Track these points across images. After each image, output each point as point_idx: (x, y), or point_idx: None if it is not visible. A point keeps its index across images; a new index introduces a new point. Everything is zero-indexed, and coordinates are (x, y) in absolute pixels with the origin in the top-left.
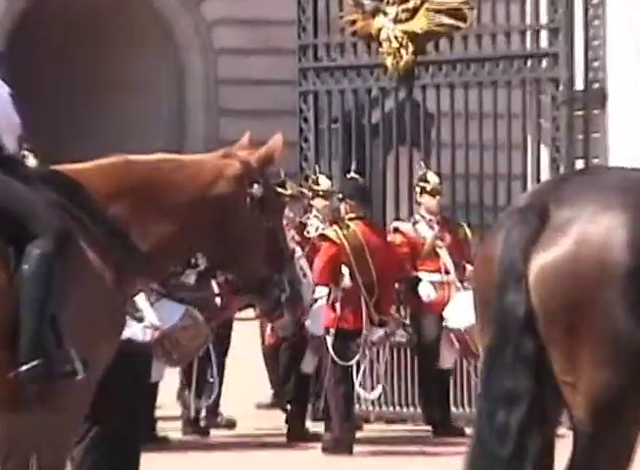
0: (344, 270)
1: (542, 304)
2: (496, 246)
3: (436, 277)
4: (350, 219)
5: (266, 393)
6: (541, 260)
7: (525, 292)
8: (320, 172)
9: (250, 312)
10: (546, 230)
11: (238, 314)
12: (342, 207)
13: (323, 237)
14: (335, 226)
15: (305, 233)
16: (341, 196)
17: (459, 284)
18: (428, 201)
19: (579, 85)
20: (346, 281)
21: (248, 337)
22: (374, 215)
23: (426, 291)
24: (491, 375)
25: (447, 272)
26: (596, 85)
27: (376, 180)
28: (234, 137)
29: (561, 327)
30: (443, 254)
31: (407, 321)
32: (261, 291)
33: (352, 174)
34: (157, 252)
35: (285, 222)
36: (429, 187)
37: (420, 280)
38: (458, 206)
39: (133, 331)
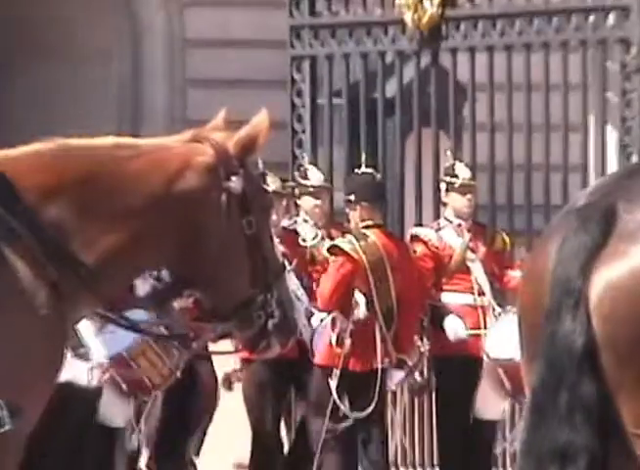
0: (359, 297)
1: (608, 334)
2: (548, 259)
3: (467, 299)
4: (366, 227)
5: (248, 448)
6: (607, 278)
7: (584, 318)
8: (310, 163)
9: (227, 344)
10: (613, 238)
11: (214, 346)
12: (353, 213)
13: (335, 249)
14: (349, 236)
15: (301, 241)
16: (352, 197)
17: (497, 308)
18: (456, 200)
19: None
20: (362, 311)
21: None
22: (388, 220)
23: (452, 327)
24: (539, 426)
25: (481, 293)
26: None
27: (391, 173)
28: (205, 115)
29: (634, 366)
30: (476, 269)
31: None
32: (242, 316)
33: (364, 168)
34: (106, 266)
35: None
36: (457, 183)
37: (448, 312)
38: (498, 206)
39: (75, 373)
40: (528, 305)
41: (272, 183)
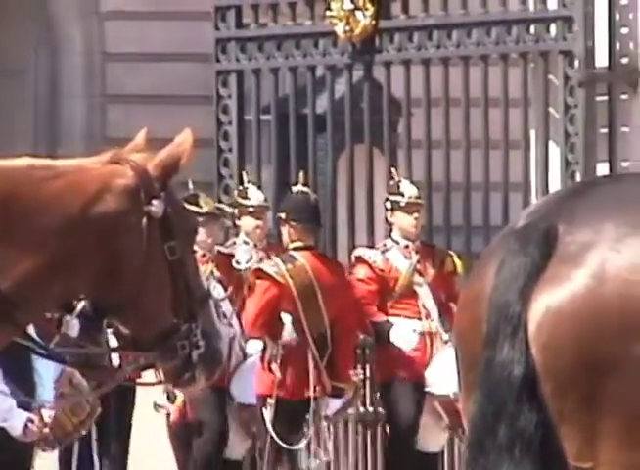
0: (285, 318)
1: (547, 363)
2: (485, 283)
3: (415, 325)
4: (296, 249)
5: None
6: (547, 303)
7: (523, 346)
8: (249, 181)
9: (150, 376)
10: (553, 261)
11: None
12: (285, 231)
13: (259, 273)
14: (275, 259)
15: (235, 264)
16: (283, 216)
17: (445, 335)
18: (403, 220)
19: (602, 61)
20: (287, 333)
21: (151, 410)
22: (320, 242)
23: (404, 339)
24: (478, 459)
25: (429, 318)
26: (625, 60)
27: (323, 192)
28: (126, 133)
29: (575, 396)
30: (424, 292)
31: (368, 389)
32: (164, 346)
33: (300, 187)
34: (22, 292)
35: (200, 251)
36: (403, 201)
37: (391, 325)
38: (435, 227)
39: (12, 424)
40: (465, 331)
41: (205, 205)
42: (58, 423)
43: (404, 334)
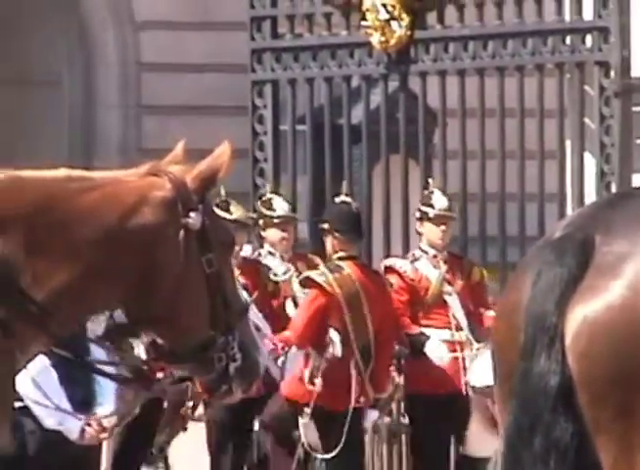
0: (334, 336)
1: (585, 373)
2: (522, 293)
3: (445, 334)
4: (339, 259)
5: None
6: (583, 313)
7: (560, 356)
8: (273, 192)
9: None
10: (590, 271)
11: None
12: (329, 241)
13: (308, 281)
14: (322, 267)
15: (272, 276)
16: (326, 226)
17: (475, 343)
18: (431, 231)
19: (637, 71)
20: (337, 349)
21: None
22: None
23: (437, 353)
24: (514, 469)
25: (459, 328)
26: None
27: (358, 203)
28: (161, 144)
29: (612, 406)
30: (453, 302)
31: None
32: (201, 359)
33: (343, 197)
34: (57, 303)
35: None
36: (433, 212)
37: (426, 338)
38: (470, 238)
39: (68, 427)
40: (502, 341)
41: (235, 212)
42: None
43: (438, 350)
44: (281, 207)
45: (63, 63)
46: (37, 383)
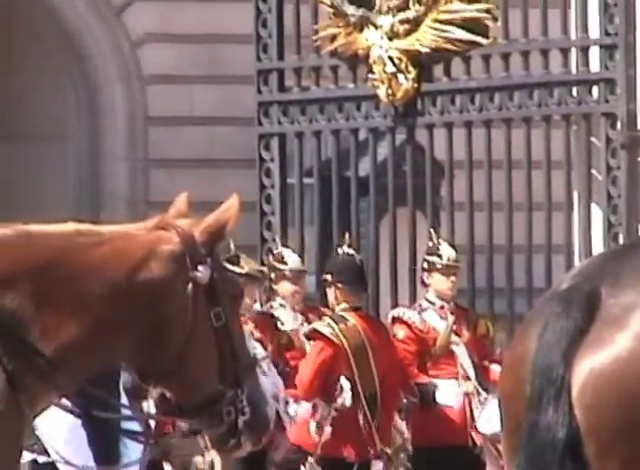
0: (345, 384)
1: (592, 424)
2: (529, 345)
3: (453, 385)
4: (342, 311)
5: None
6: (590, 365)
7: (567, 408)
8: (284, 245)
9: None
10: (597, 323)
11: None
12: (331, 293)
13: (314, 333)
14: (327, 319)
15: (280, 326)
16: (329, 278)
17: (483, 394)
18: (439, 282)
19: None
20: (347, 399)
21: None
22: (363, 303)
23: (448, 399)
24: None
25: (466, 378)
26: None
27: (365, 255)
28: (168, 197)
29: (618, 457)
30: (461, 353)
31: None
32: (211, 413)
33: (346, 249)
34: (66, 357)
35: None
36: (440, 263)
37: (436, 386)
38: (478, 289)
39: None
40: (509, 393)
41: (246, 266)
42: None
43: (449, 394)
44: (293, 260)
45: (71, 117)
46: (67, 440)
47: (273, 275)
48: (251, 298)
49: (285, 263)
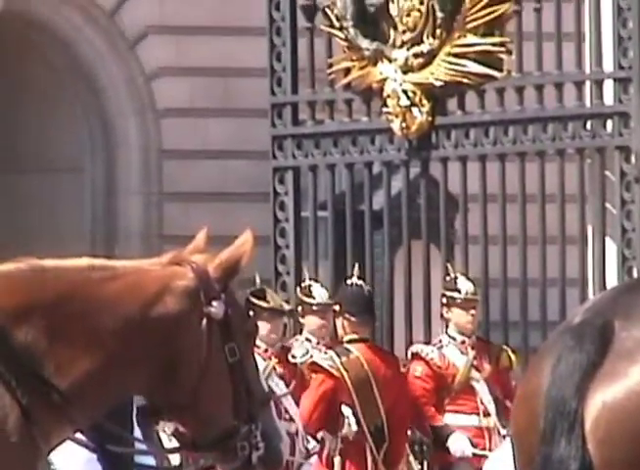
0: (347, 411)
1: (605, 458)
2: (542, 378)
3: (473, 420)
4: (350, 341)
5: None
6: (603, 399)
7: (579, 442)
8: (312, 279)
9: None
10: (610, 357)
11: None
12: (339, 323)
13: (314, 366)
14: (329, 352)
15: (291, 358)
16: (337, 308)
17: (503, 430)
18: (459, 316)
19: None
20: (351, 427)
21: None
22: (376, 337)
23: (459, 446)
24: None
25: (487, 414)
26: None
27: (380, 288)
28: (182, 232)
29: None
30: (481, 388)
31: None
32: (224, 448)
33: (355, 280)
34: (80, 391)
35: (263, 346)
36: (460, 298)
37: (451, 430)
38: (492, 323)
39: None
40: (522, 426)
41: (271, 300)
42: None
43: (462, 446)
44: (320, 294)
45: (85, 150)
46: None
47: (300, 309)
48: (276, 332)
49: (313, 297)
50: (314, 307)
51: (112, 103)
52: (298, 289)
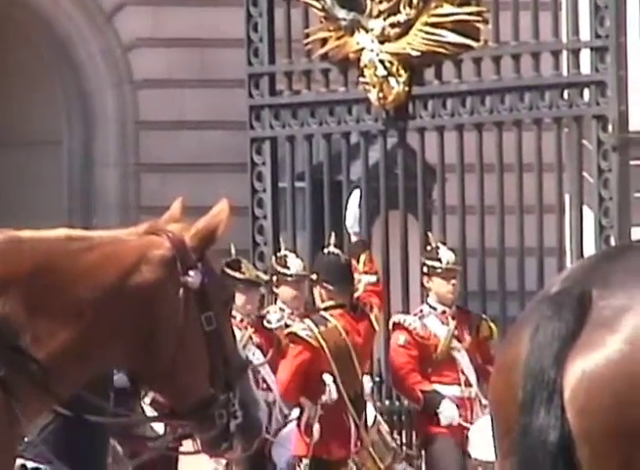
0: (328, 379)
1: (584, 428)
2: (520, 348)
3: (454, 391)
4: (327, 309)
5: None
6: (582, 367)
7: (559, 411)
8: (287, 249)
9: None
10: (588, 326)
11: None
12: (317, 292)
13: (292, 337)
14: (307, 321)
15: (266, 324)
16: (314, 277)
17: (484, 400)
18: (440, 286)
19: (635, 125)
20: (332, 394)
21: None
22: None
23: (449, 413)
24: None
25: (468, 384)
26: None
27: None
28: (160, 203)
29: (612, 461)
30: (462, 359)
31: (413, 451)
32: (202, 416)
33: (332, 249)
34: (58, 362)
35: (239, 317)
36: (441, 267)
37: (441, 397)
38: (470, 293)
39: None
40: (500, 397)
41: (246, 272)
42: None
43: (452, 415)
44: (295, 265)
45: (62, 122)
46: None
47: (275, 279)
48: (252, 304)
49: (288, 268)
50: (289, 278)
51: (89, 75)
52: (274, 259)
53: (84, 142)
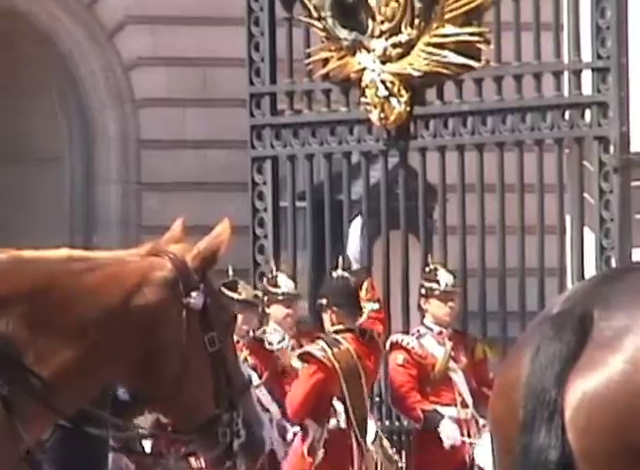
0: (339, 407)
1: (585, 447)
2: (521, 369)
3: (452, 412)
4: (337, 332)
5: None
6: (583, 388)
7: (559, 431)
8: (279, 269)
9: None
10: (589, 346)
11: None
12: (327, 317)
13: (307, 356)
14: (321, 342)
15: (267, 345)
16: (324, 302)
17: (481, 420)
18: (437, 308)
19: (636, 146)
20: (341, 421)
21: None
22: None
23: (450, 433)
24: None
25: (465, 405)
26: None
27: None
28: (161, 222)
29: None
30: (459, 379)
31: None
32: (206, 435)
33: (340, 272)
34: (61, 381)
35: (235, 338)
36: (439, 289)
37: (441, 417)
38: (471, 313)
39: None
40: (501, 417)
41: (243, 292)
42: None
43: (453, 435)
44: (286, 284)
45: (64, 140)
46: None
47: (266, 299)
48: (248, 324)
49: (278, 287)
50: (279, 297)
51: (90, 93)
52: (265, 280)
53: (85, 159)
